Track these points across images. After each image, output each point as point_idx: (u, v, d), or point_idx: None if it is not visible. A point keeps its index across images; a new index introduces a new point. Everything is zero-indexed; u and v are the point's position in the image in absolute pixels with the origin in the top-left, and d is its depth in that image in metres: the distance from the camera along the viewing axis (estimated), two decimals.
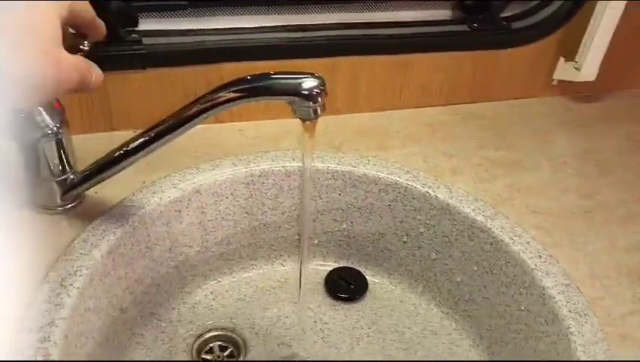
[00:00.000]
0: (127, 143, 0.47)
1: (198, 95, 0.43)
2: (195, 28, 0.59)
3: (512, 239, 0.52)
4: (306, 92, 0.38)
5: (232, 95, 0.40)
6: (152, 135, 0.45)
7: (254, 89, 0.40)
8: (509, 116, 0.71)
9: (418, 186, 0.57)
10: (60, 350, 0.40)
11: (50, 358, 0.39)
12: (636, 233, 0.56)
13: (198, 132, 0.60)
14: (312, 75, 0.39)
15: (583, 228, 0.56)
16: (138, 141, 0.46)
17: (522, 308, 0.51)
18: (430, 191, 0.57)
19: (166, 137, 0.44)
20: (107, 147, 0.48)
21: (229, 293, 0.60)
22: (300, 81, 0.39)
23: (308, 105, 0.39)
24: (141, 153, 0.46)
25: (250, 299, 0.60)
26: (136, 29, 0.57)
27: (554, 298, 0.47)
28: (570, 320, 0.45)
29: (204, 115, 0.42)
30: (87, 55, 0.41)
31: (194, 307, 0.59)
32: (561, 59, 0.73)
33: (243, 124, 0.64)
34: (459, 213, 0.55)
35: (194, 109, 0.42)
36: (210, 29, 0.60)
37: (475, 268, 0.55)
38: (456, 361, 0.56)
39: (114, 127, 0.60)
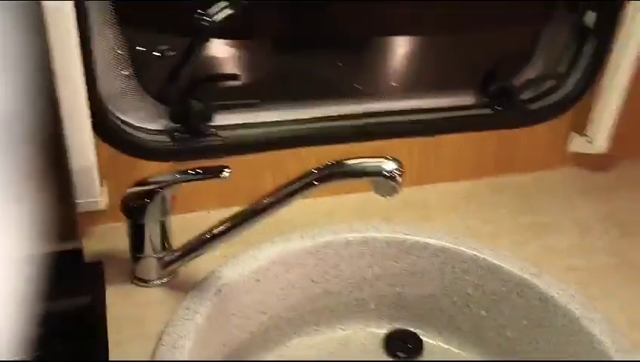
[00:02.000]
0: (220, 225, 0.54)
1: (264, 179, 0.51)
2: (263, 121, 0.68)
3: (558, 293, 0.59)
4: (389, 173, 0.46)
5: (327, 177, 0.48)
6: (243, 217, 0.52)
7: (345, 171, 0.48)
8: (533, 186, 0.79)
9: (465, 249, 0.64)
10: None
11: None
12: None
13: None
14: (391, 158, 0.47)
15: (617, 282, 0.62)
16: (231, 223, 0.53)
17: (572, 354, 0.56)
18: (476, 253, 0.64)
19: (263, 214, 0.51)
20: (186, 226, 0.55)
21: (296, 356, 0.66)
22: (381, 163, 0.47)
23: (390, 185, 0.46)
24: (232, 232, 0.53)
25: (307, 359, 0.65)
26: (213, 124, 0.66)
27: (603, 342, 0.53)
28: (618, 359, 0.51)
29: (298, 196, 0.50)
30: (174, 150, 0.49)
31: None
32: (574, 134, 0.82)
33: (305, 201, 0.71)
34: (505, 272, 0.62)
35: (288, 191, 0.50)
36: (275, 121, 0.69)
37: (525, 323, 0.61)
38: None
39: (189, 208, 0.67)
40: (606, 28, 0.73)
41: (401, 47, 0.87)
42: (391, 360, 0.66)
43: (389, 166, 0.46)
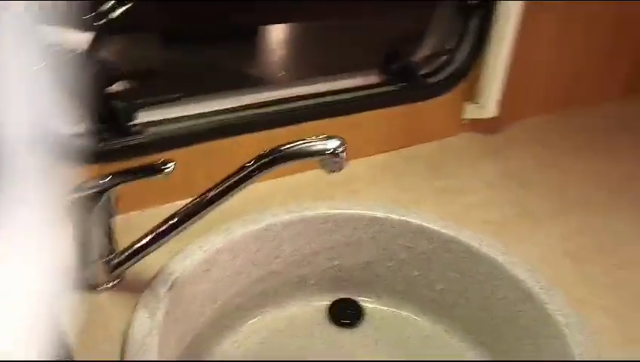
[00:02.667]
0: (164, 223, 0.54)
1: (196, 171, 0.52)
2: (187, 114, 0.68)
3: (480, 244, 0.66)
4: (334, 150, 0.49)
5: (275, 161, 0.50)
6: (193, 212, 0.53)
7: (293, 153, 0.50)
8: (439, 152, 0.87)
9: (394, 216, 0.70)
10: None
11: None
12: (558, 227, 0.72)
13: None
14: (335, 137, 0.51)
15: (523, 229, 0.71)
16: (176, 218, 0.54)
17: (499, 297, 0.64)
18: (405, 218, 0.69)
19: (211, 206, 0.52)
20: (125, 226, 0.55)
21: (248, 339, 0.68)
22: (326, 141, 0.50)
23: (335, 160, 0.50)
24: (181, 228, 0.54)
25: (267, 341, 0.68)
26: (138, 121, 0.65)
27: (524, 281, 0.61)
28: (543, 295, 0.59)
29: (247, 183, 0.51)
30: (101, 151, 0.48)
31: (224, 357, 0.65)
32: (468, 102, 0.91)
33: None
34: (432, 232, 0.68)
35: (235, 180, 0.51)
36: (200, 113, 0.69)
37: (454, 275, 0.68)
38: (454, 361, 0.67)
39: (126, 209, 0.66)
40: (488, 4, 0.82)
41: (305, 34, 0.91)
42: (336, 327, 0.70)
43: (334, 143, 0.50)
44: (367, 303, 0.73)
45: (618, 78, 1.07)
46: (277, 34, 0.89)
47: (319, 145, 0.50)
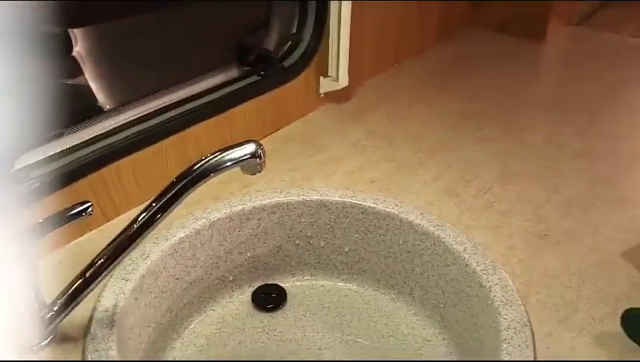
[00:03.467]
0: (89, 266, 0.53)
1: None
2: (70, 146, 0.65)
3: (374, 202, 0.74)
4: (254, 153, 0.53)
5: (202, 176, 0.52)
6: (125, 241, 0.53)
7: (219, 165, 0.52)
8: (308, 129, 0.93)
9: (293, 197, 0.75)
10: None
11: None
12: (430, 170, 0.83)
13: (101, 231, 0.67)
14: (250, 141, 0.54)
15: (404, 179, 0.81)
16: (105, 256, 0.53)
17: (401, 242, 0.73)
18: (304, 196, 0.75)
19: (144, 234, 0.53)
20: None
21: (188, 350, 0.69)
22: (246, 147, 0.53)
23: (257, 163, 0.53)
24: (115, 263, 0.54)
25: (204, 348, 0.70)
26: (19, 167, 0.62)
27: (419, 224, 0.70)
28: (437, 231, 0.69)
29: (178, 202, 0.52)
30: None
31: None
32: (322, 77, 0.98)
33: (128, 214, 0.72)
34: (329, 202, 0.75)
35: (166, 201, 0.52)
36: (77, 144, 0.67)
37: (357, 236, 0.76)
38: (442, 361, 0.74)
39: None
40: None
41: (151, 42, 0.89)
42: (265, 313, 0.74)
43: (251, 147, 0.53)
44: (285, 283, 0.78)
45: (430, 30, 1.22)
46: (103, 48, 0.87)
47: (241, 152, 0.53)
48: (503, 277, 0.62)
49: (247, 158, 0.52)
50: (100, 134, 0.69)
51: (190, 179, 0.52)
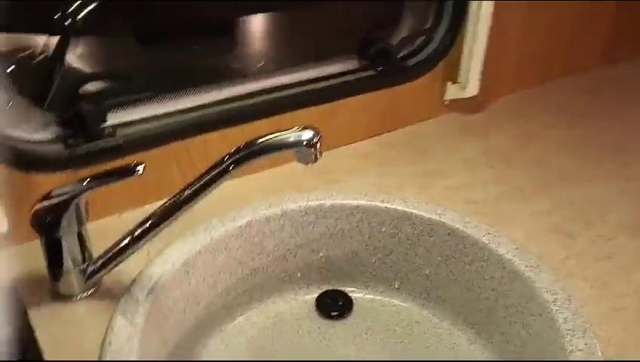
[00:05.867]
0: (139, 226, 0.53)
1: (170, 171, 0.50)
2: (160, 112, 0.66)
3: (464, 225, 0.65)
4: (308, 141, 0.48)
5: (249, 155, 0.49)
6: (168, 213, 0.52)
7: (267, 147, 0.49)
8: (420, 136, 0.86)
9: (376, 203, 0.69)
10: None
11: None
12: (544, 202, 0.71)
13: None
14: (308, 127, 0.49)
15: (509, 207, 0.70)
16: (151, 221, 0.53)
17: (486, 277, 0.63)
18: (387, 204, 0.68)
19: (184, 208, 0.51)
20: (99, 231, 0.54)
21: (236, 338, 0.67)
22: (300, 133, 0.48)
23: (309, 152, 0.48)
24: (156, 230, 0.53)
25: (255, 339, 0.67)
26: (109, 123, 0.64)
27: (511, 260, 0.60)
28: (529, 273, 0.58)
29: (222, 179, 0.50)
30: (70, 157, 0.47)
31: (211, 358, 0.64)
32: (449, 83, 0.89)
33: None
34: (416, 216, 0.67)
35: (210, 177, 0.50)
36: (170, 112, 0.68)
37: (440, 258, 0.67)
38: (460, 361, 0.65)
39: (100, 214, 0.65)
40: None
41: (278, 24, 0.89)
42: (326, 320, 0.69)
43: (308, 134, 0.48)
44: (355, 293, 0.72)
45: (587, 50, 1.06)
46: (251, 26, 0.88)
47: (293, 137, 0.49)
48: (591, 343, 0.50)
49: (301, 144, 0.48)
50: (196, 106, 0.69)
51: (239, 156, 0.49)
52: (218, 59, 0.82)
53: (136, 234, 0.53)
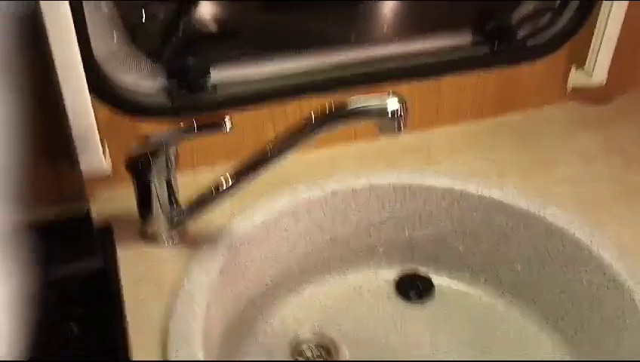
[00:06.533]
0: (226, 179, 0.54)
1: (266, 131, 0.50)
2: (262, 73, 0.67)
3: (565, 223, 0.59)
4: (392, 111, 0.46)
5: (330, 120, 0.47)
6: (248, 168, 0.52)
7: (347, 113, 0.47)
8: (534, 123, 0.79)
9: (471, 188, 0.65)
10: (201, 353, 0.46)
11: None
12: None
13: None
14: (394, 94, 0.47)
15: (623, 207, 0.63)
16: (237, 175, 0.53)
17: (583, 282, 0.57)
18: (482, 191, 0.64)
19: (269, 162, 0.51)
20: (193, 183, 0.55)
21: (312, 304, 0.67)
22: (385, 101, 0.46)
23: (394, 124, 0.46)
24: (239, 184, 0.53)
25: (330, 307, 0.66)
26: (213, 79, 0.65)
27: (613, 266, 0.54)
28: (630, 282, 0.52)
29: (302, 141, 0.49)
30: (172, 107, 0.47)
31: (284, 319, 0.65)
32: (573, 67, 0.81)
33: (307, 154, 0.71)
34: (511, 207, 0.63)
35: (291, 137, 0.50)
36: (274, 73, 0.68)
37: (534, 255, 0.62)
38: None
39: (195, 165, 0.67)
40: None
41: None
42: (403, 302, 0.67)
43: (393, 105, 0.46)
44: (438, 279, 0.69)
45: None
46: None
47: (375, 106, 0.47)
48: None
49: (383, 114, 0.46)
50: (301, 70, 0.69)
51: (320, 120, 0.48)
52: (329, 25, 0.80)
53: (221, 186, 0.54)
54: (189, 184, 0.58)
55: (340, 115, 0.48)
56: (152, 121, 0.62)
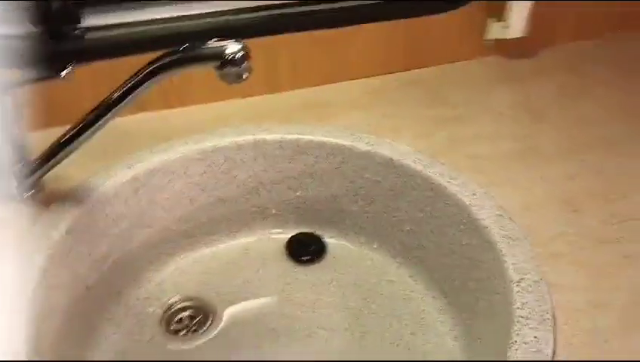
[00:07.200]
0: (73, 127, 0.50)
1: None
2: (135, 20, 0.62)
3: (449, 182, 0.56)
4: (231, 56, 0.41)
5: (166, 66, 0.43)
6: (94, 116, 0.48)
7: (184, 58, 0.43)
8: (448, 78, 0.75)
9: (361, 146, 0.61)
10: (26, 323, 0.43)
11: (16, 334, 0.42)
12: (565, 167, 0.59)
13: (149, 118, 0.63)
14: (235, 40, 0.42)
15: (517, 167, 0.60)
16: (82, 123, 0.49)
17: (463, 243, 0.54)
18: (372, 148, 0.60)
19: (109, 113, 0.47)
20: (47, 141, 0.51)
21: (193, 268, 0.63)
22: (224, 46, 0.42)
23: (233, 70, 0.42)
24: (87, 133, 0.49)
25: (214, 271, 0.63)
26: (80, 25, 0.60)
27: (487, 227, 0.51)
28: (503, 245, 0.49)
29: (142, 88, 0.45)
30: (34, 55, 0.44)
31: (160, 284, 0.61)
32: (490, 20, 0.77)
33: (191, 108, 0.67)
34: (400, 166, 0.59)
35: (130, 83, 0.45)
36: (149, 20, 0.63)
37: (421, 215, 0.59)
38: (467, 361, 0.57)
39: (49, 124, 0.62)
40: None
41: None
42: (292, 263, 0.64)
43: (232, 48, 0.42)
44: (330, 240, 0.66)
45: None
46: None
47: (214, 49, 0.42)
48: (543, 338, 0.41)
49: (222, 58, 0.41)
50: (175, 17, 0.64)
51: (156, 67, 0.43)
52: None
53: (67, 136, 0.50)
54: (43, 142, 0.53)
55: (175, 59, 0.43)
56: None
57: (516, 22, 0.75)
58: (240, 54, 0.42)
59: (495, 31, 0.77)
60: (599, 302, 0.45)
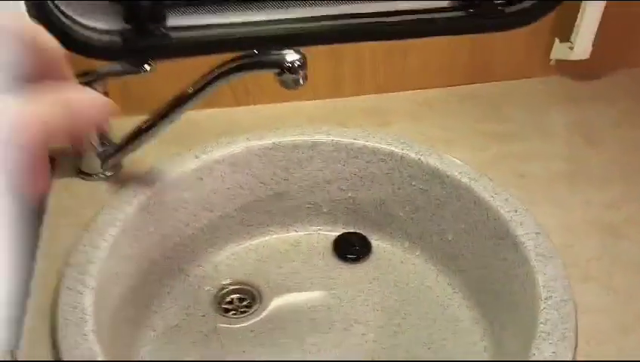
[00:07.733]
0: (151, 117, 0.56)
1: None
2: (218, 22, 0.67)
3: (492, 196, 0.58)
4: (289, 64, 0.46)
5: (227, 69, 0.48)
6: (170, 108, 0.54)
7: (249, 63, 0.48)
8: (505, 95, 0.76)
9: (412, 155, 0.64)
10: (95, 284, 0.49)
11: (85, 292, 0.48)
12: (611, 193, 0.60)
13: (217, 114, 0.69)
14: (295, 49, 0.47)
15: (563, 189, 0.61)
16: (160, 114, 0.55)
17: (500, 257, 0.56)
18: (422, 158, 0.63)
19: (183, 107, 0.52)
20: (127, 128, 0.57)
21: (247, 254, 0.68)
22: (284, 55, 0.46)
23: (291, 77, 0.46)
24: (164, 123, 0.55)
25: (266, 259, 0.68)
26: (164, 25, 0.66)
27: (524, 244, 0.53)
28: (536, 262, 0.51)
29: (212, 86, 0.50)
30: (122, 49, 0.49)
31: (217, 266, 0.67)
32: (557, 39, 0.78)
33: (256, 107, 0.72)
34: (447, 177, 0.62)
35: (203, 81, 0.51)
36: (230, 23, 0.68)
37: (463, 226, 0.61)
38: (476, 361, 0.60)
39: (129, 112, 0.68)
40: None
41: None
42: (338, 260, 0.68)
43: (291, 57, 0.46)
44: (376, 242, 0.69)
45: None
46: None
47: (275, 57, 0.47)
48: (562, 353, 0.43)
49: (280, 66, 0.46)
50: (261, 21, 0.69)
51: (226, 68, 0.49)
52: None
53: (144, 125, 0.56)
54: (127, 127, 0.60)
55: (241, 64, 0.48)
56: (99, 60, 0.63)
57: (582, 43, 0.75)
58: (297, 63, 0.46)
59: (560, 51, 0.78)
60: (624, 327, 0.47)
